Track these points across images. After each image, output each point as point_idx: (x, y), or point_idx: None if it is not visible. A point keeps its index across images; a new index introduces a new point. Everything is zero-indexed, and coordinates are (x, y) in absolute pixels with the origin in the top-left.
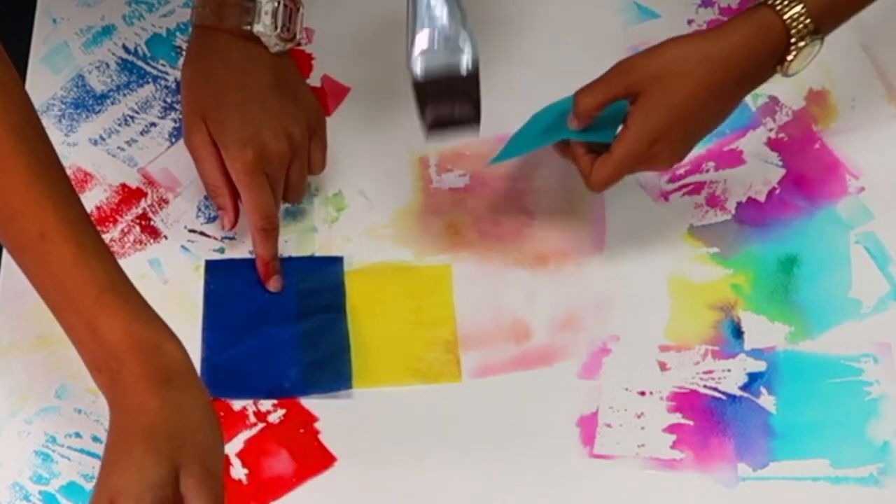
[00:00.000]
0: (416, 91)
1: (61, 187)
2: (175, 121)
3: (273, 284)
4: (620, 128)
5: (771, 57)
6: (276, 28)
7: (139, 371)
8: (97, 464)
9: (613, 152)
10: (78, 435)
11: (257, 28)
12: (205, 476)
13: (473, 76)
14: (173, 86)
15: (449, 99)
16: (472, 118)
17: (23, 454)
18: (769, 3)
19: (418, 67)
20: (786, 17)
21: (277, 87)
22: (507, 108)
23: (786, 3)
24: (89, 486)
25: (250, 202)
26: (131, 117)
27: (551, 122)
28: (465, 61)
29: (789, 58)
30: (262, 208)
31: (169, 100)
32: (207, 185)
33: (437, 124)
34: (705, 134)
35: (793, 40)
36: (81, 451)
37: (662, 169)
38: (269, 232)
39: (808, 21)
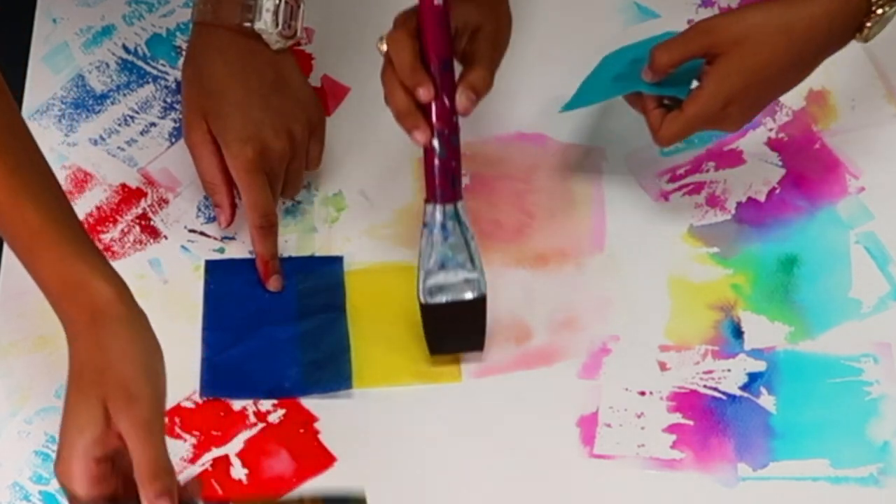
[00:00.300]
0: (423, 314)
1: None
2: (175, 121)
3: (273, 284)
4: (695, 84)
5: (851, 26)
6: (277, 25)
7: (68, 314)
8: None
9: (686, 110)
10: None
11: (258, 25)
12: (128, 403)
13: (479, 304)
14: (173, 86)
15: (455, 324)
16: (476, 343)
17: (23, 454)
18: None
19: (428, 296)
20: None
21: (278, 84)
22: (506, 109)
23: None
24: None
25: (249, 200)
26: (131, 117)
27: (624, 71)
28: (472, 291)
29: (868, 24)
30: (261, 207)
31: (169, 100)
32: (205, 182)
33: (441, 349)
34: (775, 98)
35: (873, 8)
36: None
37: (730, 130)
38: (268, 230)
39: None
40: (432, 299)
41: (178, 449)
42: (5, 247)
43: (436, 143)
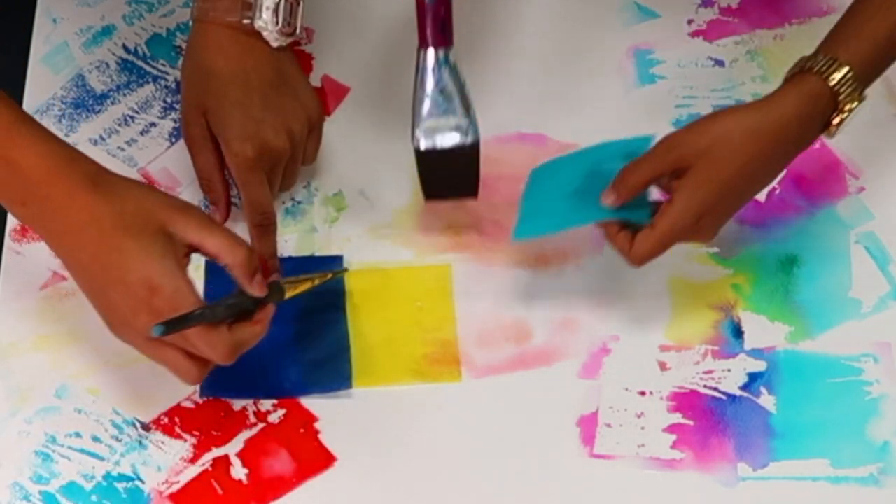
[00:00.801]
0: (417, 160)
1: None
2: (175, 121)
3: None
4: (655, 195)
5: (819, 123)
6: (277, 23)
7: (66, 187)
8: (97, 463)
9: (657, 226)
10: (78, 435)
11: (258, 23)
12: (183, 210)
13: (472, 150)
14: (173, 86)
15: (448, 171)
16: (469, 190)
17: (23, 454)
18: (815, 69)
19: (422, 140)
20: (832, 83)
21: (278, 82)
22: (506, 109)
23: (831, 67)
24: (89, 485)
25: (249, 199)
26: (131, 117)
27: (580, 187)
28: (464, 136)
29: (836, 121)
30: (260, 205)
31: (169, 100)
32: (201, 178)
33: (434, 195)
34: (749, 201)
35: (840, 105)
36: (81, 450)
37: (704, 240)
38: (267, 228)
39: (854, 83)
40: (426, 144)
41: (178, 449)
42: (5, 247)
43: None
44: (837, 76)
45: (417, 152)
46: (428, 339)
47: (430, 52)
